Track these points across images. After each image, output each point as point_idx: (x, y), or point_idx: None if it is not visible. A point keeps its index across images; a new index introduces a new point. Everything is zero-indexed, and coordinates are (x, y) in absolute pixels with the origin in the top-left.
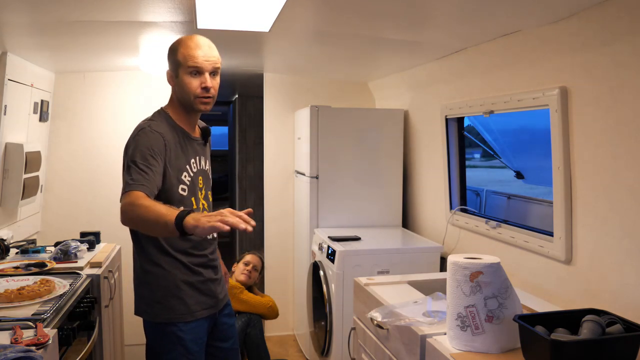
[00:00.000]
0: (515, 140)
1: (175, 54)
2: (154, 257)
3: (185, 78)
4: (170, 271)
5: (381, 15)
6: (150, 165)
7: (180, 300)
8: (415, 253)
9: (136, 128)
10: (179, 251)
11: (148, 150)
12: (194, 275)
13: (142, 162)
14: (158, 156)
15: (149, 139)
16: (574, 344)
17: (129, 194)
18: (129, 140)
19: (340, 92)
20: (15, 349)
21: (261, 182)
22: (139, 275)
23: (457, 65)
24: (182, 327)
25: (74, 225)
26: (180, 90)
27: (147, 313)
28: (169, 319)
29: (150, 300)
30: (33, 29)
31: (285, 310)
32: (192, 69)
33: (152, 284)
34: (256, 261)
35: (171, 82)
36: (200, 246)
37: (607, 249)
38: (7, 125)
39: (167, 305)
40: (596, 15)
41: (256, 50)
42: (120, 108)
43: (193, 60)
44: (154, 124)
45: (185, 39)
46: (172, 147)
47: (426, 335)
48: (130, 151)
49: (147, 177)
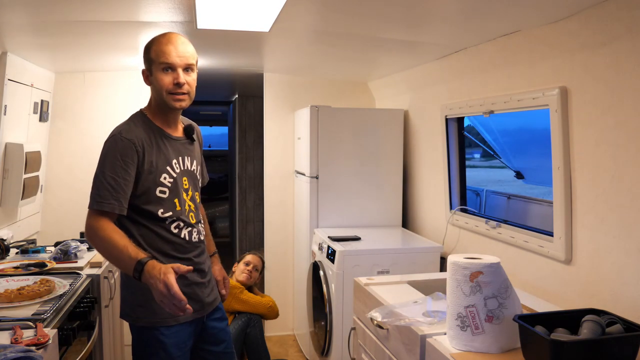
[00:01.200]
0: (515, 140)
1: (148, 52)
2: None
3: (158, 75)
4: None
5: (381, 15)
6: (119, 178)
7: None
8: (415, 253)
9: (110, 134)
10: (161, 252)
11: (117, 160)
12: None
13: (110, 174)
14: (129, 165)
15: (117, 148)
16: (574, 344)
17: (95, 217)
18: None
19: (340, 92)
20: (15, 349)
21: (261, 182)
22: (122, 278)
23: (457, 65)
24: (164, 332)
25: (74, 225)
26: (154, 88)
27: (130, 316)
28: (150, 323)
29: (133, 303)
30: (33, 29)
31: (285, 310)
32: (164, 65)
33: (135, 287)
34: (257, 261)
35: (147, 82)
36: (183, 249)
37: (607, 249)
38: (7, 125)
39: (149, 308)
40: (596, 15)
41: (256, 50)
42: (120, 108)
43: (165, 56)
44: (125, 130)
45: (158, 36)
46: (147, 151)
47: (426, 335)
48: (100, 160)
49: (115, 193)
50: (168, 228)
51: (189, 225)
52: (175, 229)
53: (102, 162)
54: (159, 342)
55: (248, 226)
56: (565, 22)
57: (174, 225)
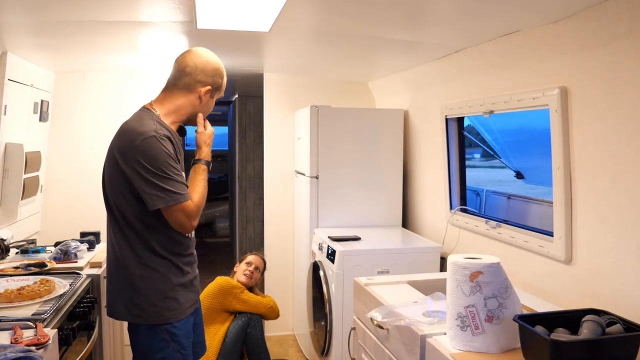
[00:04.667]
0: (515, 140)
1: (221, 80)
2: (149, 261)
3: (212, 102)
4: (164, 274)
5: (381, 15)
6: (178, 172)
7: (175, 300)
8: (415, 253)
9: (136, 135)
10: (172, 253)
11: (169, 157)
12: (184, 275)
13: (171, 171)
14: (175, 160)
15: (163, 146)
16: (574, 344)
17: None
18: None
19: (340, 92)
20: (15, 349)
21: (261, 182)
22: (130, 281)
23: (457, 65)
24: (175, 324)
25: (74, 225)
26: (206, 108)
27: (142, 317)
28: (164, 319)
29: (146, 304)
30: (33, 29)
31: (285, 310)
32: (218, 98)
33: (148, 289)
34: (258, 262)
35: (205, 98)
36: (187, 246)
37: (607, 249)
38: (7, 125)
39: (163, 306)
40: (596, 15)
41: (256, 50)
42: (120, 108)
43: (223, 92)
44: (158, 129)
45: (224, 71)
46: (178, 149)
47: (426, 335)
48: (149, 162)
49: (184, 183)
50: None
51: None
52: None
53: (156, 162)
54: (171, 334)
55: (248, 226)
56: (565, 22)
57: None
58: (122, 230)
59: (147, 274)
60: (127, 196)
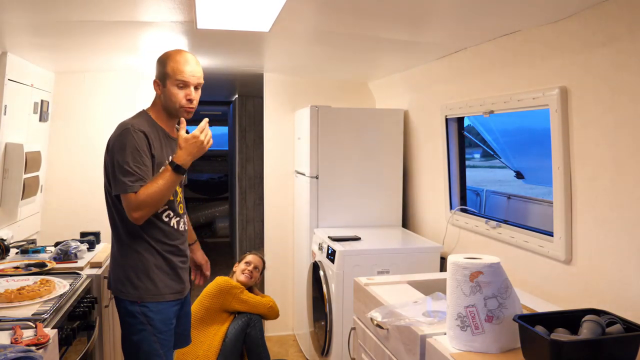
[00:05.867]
0: (515, 140)
1: (164, 66)
2: (131, 243)
3: (173, 89)
4: (144, 254)
5: (381, 15)
6: (142, 165)
7: (151, 281)
8: (415, 253)
9: (119, 127)
10: (152, 237)
11: (136, 150)
12: (164, 260)
13: (134, 163)
14: (146, 154)
15: (134, 139)
16: (574, 344)
17: (130, 196)
18: (113, 140)
19: (340, 92)
20: (15, 349)
21: (261, 182)
22: (116, 258)
23: (457, 65)
24: (152, 307)
25: (74, 225)
26: (167, 99)
27: (121, 292)
28: (140, 297)
29: (125, 279)
30: (33, 29)
31: (285, 310)
32: (179, 82)
33: (128, 266)
34: (257, 261)
35: (157, 90)
36: (172, 236)
37: (607, 249)
38: (7, 125)
39: (139, 285)
40: (596, 15)
41: (256, 50)
42: (120, 108)
43: (181, 74)
44: (136, 123)
45: (174, 54)
46: (154, 145)
47: (426, 335)
48: (117, 152)
49: (140, 176)
50: (160, 217)
51: (177, 215)
52: (165, 217)
53: (122, 154)
54: (147, 317)
55: (248, 226)
56: (565, 22)
57: (165, 214)
58: (110, 211)
59: (128, 252)
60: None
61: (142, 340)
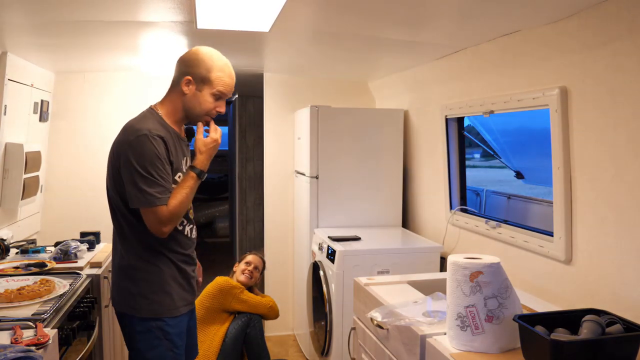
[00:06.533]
0: (515, 140)
1: (208, 72)
2: (144, 254)
3: (207, 97)
4: (160, 267)
5: (381, 15)
6: (166, 174)
7: (167, 295)
8: (415, 253)
9: (132, 131)
10: (167, 248)
11: (157, 158)
12: (179, 271)
13: (158, 173)
14: (165, 162)
15: (154, 146)
16: (574, 344)
17: (163, 208)
18: (126, 146)
19: (340, 92)
20: (15, 349)
21: (261, 182)
22: (125, 271)
23: (457, 65)
24: (169, 322)
25: (74, 225)
26: (194, 102)
27: (133, 308)
28: (156, 314)
29: (138, 294)
30: (33, 29)
31: (285, 310)
32: (218, 94)
33: (141, 280)
34: (257, 261)
35: (186, 90)
36: (186, 245)
37: (607, 249)
38: (7, 125)
39: (155, 299)
40: (596, 15)
41: (256, 50)
42: (120, 108)
43: (224, 87)
44: (152, 128)
45: (222, 65)
46: (172, 150)
47: (426, 335)
48: (135, 160)
49: (166, 187)
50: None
51: (190, 222)
52: (180, 226)
53: (143, 162)
54: (164, 332)
55: (248, 226)
56: (565, 22)
57: (180, 222)
58: (119, 222)
59: (143, 266)
60: (122, 191)
61: (160, 357)
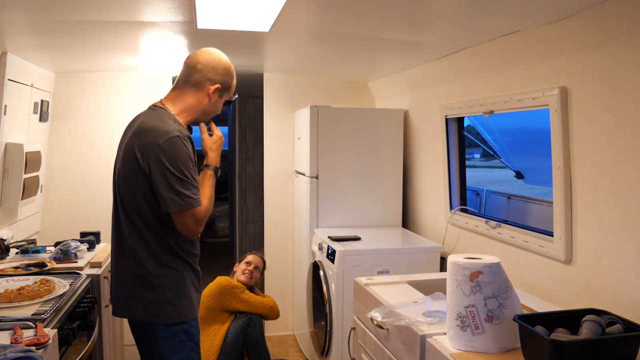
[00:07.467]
0: (515, 140)
1: (230, 80)
2: (166, 260)
3: (220, 102)
4: (180, 272)
5: (381, 15)
6: (195, 175)
7: (188, 298)
8: (415, 253)
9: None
10: (186, 252)
11: (189, 159)
12: (195, 273)
13: (189, 173)
14: (194, 163)
15: (186, 148)
16: (574, 344)
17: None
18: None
19: (340, 92)
20: (15, 349)
21: (261, 182)
22: (146, 280)
23: (457, 65)
24: (191, 323)
25: (74, 225)
26: (211, 107)
27: (160, 316)
28: (181, 318)
29: (163, 302)
30: (33, 29)
31: (285, 310)
32: (227, 99)
33: (165, 287)
34: (258, 261)
35: (213, 97)
36: (196, 244)
37: (607, 249)
38: (7, 125)
39: (180, 305)
40: (596, 15)
41: (256, 50)
42: (121, 108)
43: (232, 94)
44: (180, 129)
45: (234, 71)
46: (194, 150)
47: (426, 335)
48: (170, 163)
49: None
50: None
51: None
52: None
53: (177, 163)
54: (188, 334)
55: (248, 226)
56: (565, 22)
57: None
58: (137, 229)
59: (165, 272)
60: (146, 195)
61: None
